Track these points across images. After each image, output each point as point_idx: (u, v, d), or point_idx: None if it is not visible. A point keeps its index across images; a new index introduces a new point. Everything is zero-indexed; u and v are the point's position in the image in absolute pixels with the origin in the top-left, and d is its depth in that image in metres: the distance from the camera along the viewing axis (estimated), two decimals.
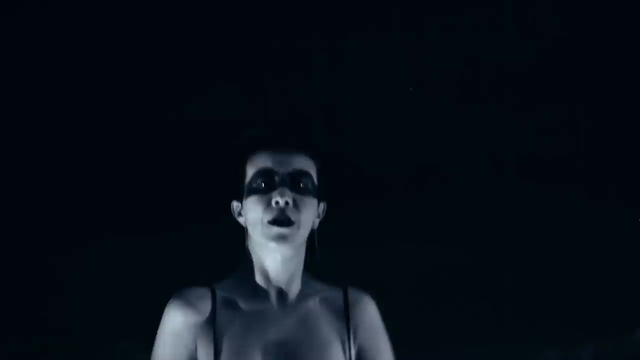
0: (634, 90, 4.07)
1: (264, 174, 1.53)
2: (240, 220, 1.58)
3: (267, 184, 1.52)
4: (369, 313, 1.59)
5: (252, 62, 3.97)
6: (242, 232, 1.60)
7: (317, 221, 1.58)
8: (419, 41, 4.01)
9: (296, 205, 1.51)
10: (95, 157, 3.80)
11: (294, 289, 1.56)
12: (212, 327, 1.49)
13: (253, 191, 1.53)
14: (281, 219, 1.50)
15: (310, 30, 3.96)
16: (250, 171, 1.55)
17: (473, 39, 4.06)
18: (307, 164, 1.56)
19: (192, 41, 3.90)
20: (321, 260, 1.58)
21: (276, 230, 1.50)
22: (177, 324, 1.50)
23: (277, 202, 1.50)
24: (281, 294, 1.55)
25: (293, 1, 3.90)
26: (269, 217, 1.51)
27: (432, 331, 3.95)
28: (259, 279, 1.55)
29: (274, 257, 1.54)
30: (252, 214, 1.53)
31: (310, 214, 1.54)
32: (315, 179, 1.56)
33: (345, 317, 1.57)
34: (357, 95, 4.01)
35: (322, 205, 1.60)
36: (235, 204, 1.59)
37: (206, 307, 1.51)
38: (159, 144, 3.85)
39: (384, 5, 3.96)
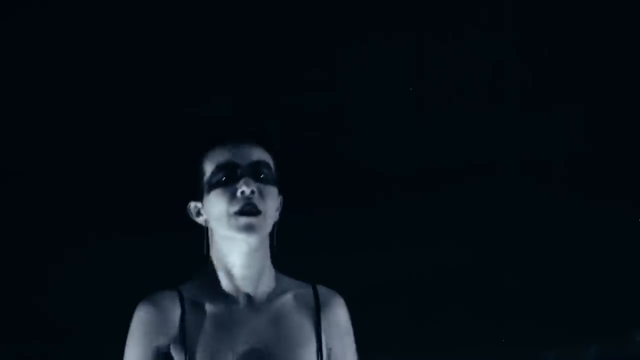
0: (634, 91, 4.07)
1: (225, 167, 1.51)
2: (200, 220, 1.56)
3: (229, 177, 1.51)
4: (341, 314, 1.58)
5: (254, 64, 3.98)
6: (202, 233, 1.58)
7: (276, 214, 1.57)
8: (421, 45, 4.02)
9: (261, 194, 1.50)
10: (85, 162, 3.81)
11: (264, 287, 1.53)
12: (183, 331, 1.48)
13: (215, 185, 1.51)
14: (248, 209, 1.48)
15: (312, 33, 3.97)
16: (209, 167, 1.53)
17: (475, 41, 4.07)
18: (265, 156, 1.55)
19: (193, 39, 3.91)
20: (279, 254, 1.56)
21: (244, 220, 1.48)
22: (149, 327, 1.48)
23: (242, 192, 1.48)
24: (249, 293, 1.52)
25: (297, 5, 3.91)
26: (235, 208, 1.49)
27: (431, 333, 3.95)
28: (225, 278, 1.52)
29: (240, 249, 1.51)
30: (216, 207, 1.51)
31: (273, 203, 1.53)
32: (274, 169, 1.56)
33: (317, 317, 1.55)
34: (358, 98, 4.02)
35: (280, 198, 1.58)
36: (192, 205, 1.57)
37: (176, 310, 1.49)
38: (136, 146, 3.86)
39: (387, 9, 3.97)
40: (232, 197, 1.49)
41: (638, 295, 4.00)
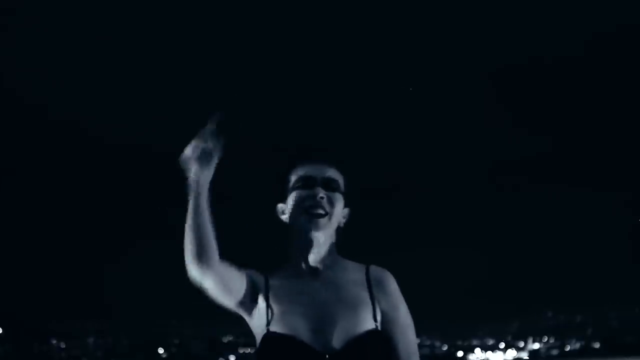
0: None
1: (305, 178, 1.91)
2: (283, 218, 1.94)
3: (307, 185, 1.91)
4: (389, 285, 1.92)
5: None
6: (286, 230, 1.95)
7: (342, 221, 1.94)
8: (411, 52, 4.55)
9: (329, 200, 1.90)
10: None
11: (327, 266, 1.90)
12: (267, 293, 1.87)
13: (297, 189, 1.91)
14: (318, 209, 1.87)
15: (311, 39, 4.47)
16: (293, 177, 1.93)
17: (469, 40, 4.58)
18: (336, 174, 1.94)
19: (196, 43, 4.37)
20: (341, 246, 1.97)
21: (315, 220, 1.88)
22: (247, 270, 1.88)
23: (315, 196, 1.89)
24: (316, 268, 1.91)
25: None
26: (308, 204, 1.88)
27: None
28: (300, 260, 1.92)
29: (311, 243, 1.89)
30: (295, 203, 1.90)
31: (339, 208, 1.91)
32: (342, 186, 1.94)
33: (369, 287, 1.90)
34: (355, 105, 4.56)
35: (346, 210, 1.95)
36: (280, 205, 1.95)
37: (262, 280, 1.89)
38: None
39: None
40: (307, 197, 1.90)
41: None
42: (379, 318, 1.85)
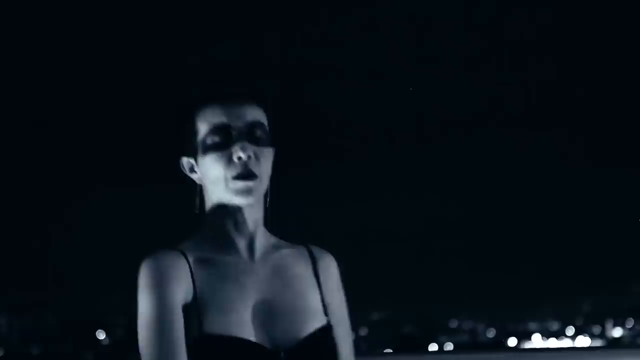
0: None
1: (220, 129, 1.48)
2: (194, 176, 1.55)
3: (224, 140, 1.48)
4: (334, 270, 1.61)
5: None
6: (195, 188, 1.55)
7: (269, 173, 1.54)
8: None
9: (257, 157, 1.49)
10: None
11: (261, 240, 1.53)
12: (194, 286, 1.46)
13: (211, 148, 1.49)
14: (245, 173, 1.46)
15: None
16: (203, 127, 1.50)
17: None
18: (259, 114, 1.52)
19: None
20: (271, 208, 1.57)
21: (242, 184, 1.47)
22: (162, 280, 1.45)
23: (239, 157, 1.47)
24: (250, 245, 1.52)
25: None
26: (232, 172, 1.47)
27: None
28: (223, 233, 1.52)
29: (240, 215, 1.51)
30: (213, 171, 1.49)
31: (269, 164, 1.52)
32: (268, 129, 1.52)
33: (315, 270, 1.58)
34: (349, 51, 4.02)
35: (273, 151, 1.55)
36: (185, 160, 1.55)
37: (184, 267, 1.47)
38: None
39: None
40: (229, 161, 1.47)
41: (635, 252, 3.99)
42: (328, 311, 1.54)
